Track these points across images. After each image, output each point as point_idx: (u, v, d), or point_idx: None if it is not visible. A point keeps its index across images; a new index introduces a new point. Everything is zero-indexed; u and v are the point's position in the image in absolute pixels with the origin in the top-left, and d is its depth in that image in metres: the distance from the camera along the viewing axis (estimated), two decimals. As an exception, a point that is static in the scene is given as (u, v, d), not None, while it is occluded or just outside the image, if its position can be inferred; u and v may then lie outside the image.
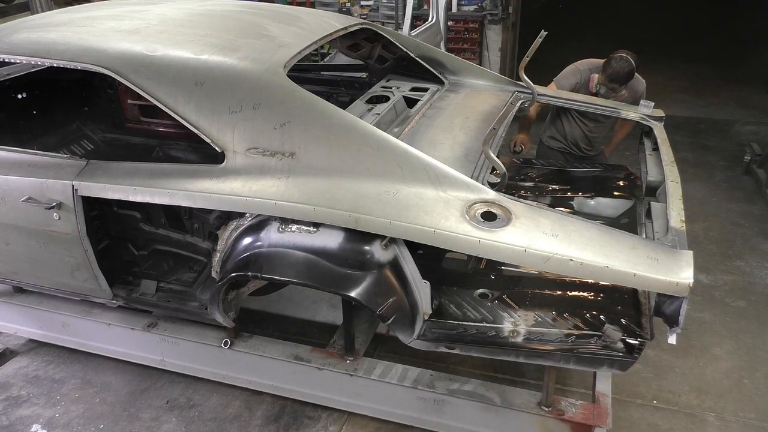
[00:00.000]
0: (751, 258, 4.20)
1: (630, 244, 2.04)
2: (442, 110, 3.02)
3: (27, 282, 3.07)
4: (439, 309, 2.47)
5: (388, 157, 2.26)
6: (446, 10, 5.71)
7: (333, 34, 3.00)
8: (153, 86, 2.45)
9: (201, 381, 3.17)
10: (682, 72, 8.35)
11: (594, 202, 3.12)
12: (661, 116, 3.24)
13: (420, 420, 2.77)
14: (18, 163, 2.70)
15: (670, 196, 2.45)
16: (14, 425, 3.03)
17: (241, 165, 2.36)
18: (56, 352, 3.47)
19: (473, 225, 2.08)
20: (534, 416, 2.61)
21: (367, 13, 6.90)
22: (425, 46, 3.56)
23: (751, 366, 3.28)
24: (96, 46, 2.58)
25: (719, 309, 3.72)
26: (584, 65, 3.70)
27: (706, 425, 2.94)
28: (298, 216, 2.26)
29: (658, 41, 9.77)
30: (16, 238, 2.78)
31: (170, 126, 3.81)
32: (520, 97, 3.29)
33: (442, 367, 3.01)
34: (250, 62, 2.48)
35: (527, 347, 2.31)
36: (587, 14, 11.54)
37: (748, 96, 7.36)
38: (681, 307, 1.93)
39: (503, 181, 2.35)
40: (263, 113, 2.35)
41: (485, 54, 6.89)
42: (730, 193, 5.10)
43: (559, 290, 2.52)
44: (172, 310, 2.85)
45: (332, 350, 2.90)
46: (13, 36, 2.75)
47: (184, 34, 2.68)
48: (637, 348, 2.21)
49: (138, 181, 2.47)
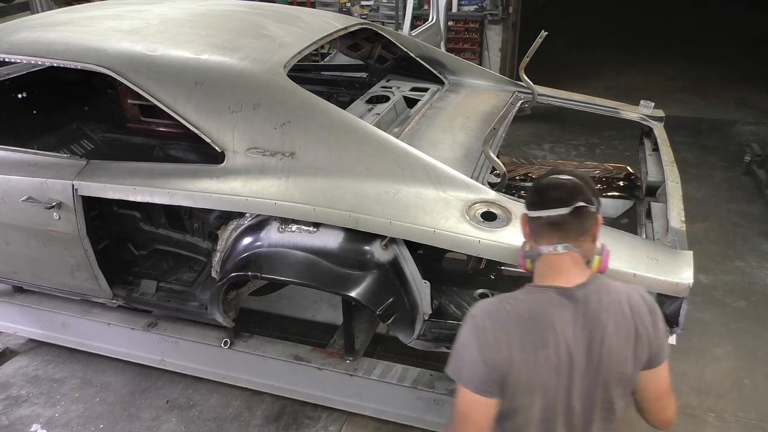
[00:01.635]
0: (751, 258, 4.20)
1: (630, 244, 2.04)
2: (442, 110, 3.02)
3: (27, 282, 3.07)
4: (439, 309, 2.47)
5: (388, 157, 2.26)
6: (446, 10, 5.71)
7: (333, 34, 3.00)
8: (153, 86, 2.45)
9: (201, 381, 3.17)
10: (682, 72, 8.34)
11: (594, 202, 3.12)
12: (661, 116, 3.23)
13: (420, 420, 2.77)
14: (18, 163, 2.70)
15: (670, 196, 2.45)
16: (14, 425, 3.03)
17: (241, 165, 2.36)
18: (56, 351, 3.47)
19: (473, 225, 2.08)
20: (534, 416, 2.60)
21: (367, 13, 6.90)
22: (425, 46, 3.57)
23: (751, 366, 3.28)
24: (96, 46, 2.58)
25: (719, 309, 3.71)
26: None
27: (706, 425, 2.94)
28: (298, 216, 2.26)
29: (659, 41, 9.78)
30: (16, 238, 2.78)
31: (170, 126, 3.81)
32: (520, 97, 3.29)
33: (442, 367, 3.00)
34: (250, 62, 2.48)
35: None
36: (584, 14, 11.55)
37: (748, 96, 7.36)
38: (681, 308, 1.93)
39: (503, 181, 2.35)
40: (263, 113, 2.35)
41: (485, 54, 6.89)
42: (730, 194, 5.10)
43: (559, 290, 2.52)
44: (172, 310, 2.85)
45: (332, 350, 2.90)
46: (13, 36, 2.75)
47: (185, 34, 2.68)
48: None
49: (138, 181, 2.48)
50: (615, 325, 1.48)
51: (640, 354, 1.51)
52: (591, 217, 1.53)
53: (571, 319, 1.47)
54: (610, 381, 1.50)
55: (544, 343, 1.46)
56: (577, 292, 1.49)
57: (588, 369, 1.48)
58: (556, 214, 1.50)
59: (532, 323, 1.48)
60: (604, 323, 1.47)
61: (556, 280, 1.52)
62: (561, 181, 1.55)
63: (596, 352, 1.47)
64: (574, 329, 1.47)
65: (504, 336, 1.48)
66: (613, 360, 1.48)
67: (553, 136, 6.35)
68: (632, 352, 1.49)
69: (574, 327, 1.47)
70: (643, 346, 1.51)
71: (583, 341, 1.47)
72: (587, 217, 1.52)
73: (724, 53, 9.07)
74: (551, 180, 1.57)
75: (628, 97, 3.93)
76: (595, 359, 1.47)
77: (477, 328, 1.51)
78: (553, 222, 1.51)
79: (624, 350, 1.48)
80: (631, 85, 7.85)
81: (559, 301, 1.49)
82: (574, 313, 1.48)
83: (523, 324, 1.48)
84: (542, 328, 1.47)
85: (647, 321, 1.51)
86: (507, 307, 1.52)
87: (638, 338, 1.50)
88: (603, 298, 1.49)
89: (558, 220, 1.51)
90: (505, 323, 1.49)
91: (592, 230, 1.55)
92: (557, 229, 1.52)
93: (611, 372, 1.49)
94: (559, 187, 1.53)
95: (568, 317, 1.47)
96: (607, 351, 1.47)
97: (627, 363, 1.49)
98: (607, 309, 1.48)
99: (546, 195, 1.54)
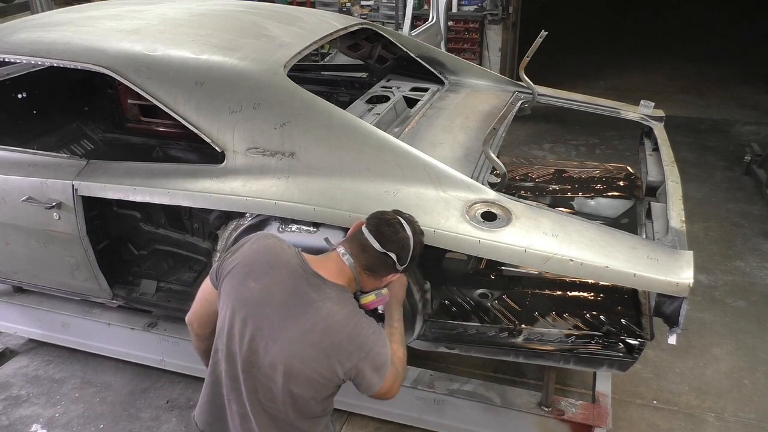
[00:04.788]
0: (751, 258, 4.20)
1: (630, 244, 2.04)
2: (443, 110, 3.02)
3: (27, 282, 3.07)
4: (439, 309, 2.47)
5: (388, 157, 2.26)
6: (446, 10, 5.71)
7: (333, 34, 3.00)
8: (153, 86, 2.45)
9: (201, 381, 3.15)
10: (682, 72, 8.35)
11: (594, 202, 3.12)
12: (662, 116, 3.23)
13: (420, 420, 2.77)
14: (18, 163, 2.69)
15: (670, 196, 2.45)
16: (14, 425, 3.03)
17: (241, 165, 2.36)
18: (56, 351, 3.47)
19: (473, 225, 2.08)
20: (534, 416, 2.61)
21: (367, 13, 6.90)
22: (425, 46, 3.56)
23: (751, 366, 3.28)
24: (96, 46, 2.57)
25: (719, 309, 3.71)
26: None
27: (706, 425, 2.94)
28: (298, 216, 2.26)
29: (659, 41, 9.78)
30: (16, 238, 2.78)
31: (170, 126, 3.81)
32: (520, 97, 3.29)
33: (442, 367, 3.01)
34: (250, 62, 2.48)
35: (527, 347, 2.31)
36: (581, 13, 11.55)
37: (748, 96, 7.36)
38: (681, 308, 1.93)
39: (503, 181, 2.35)
40: (263, 113, 2.35)
41: (485, 54, 6.89)
42: (731, 194, 5.10)
43: (559, 290, 2.52)
44: (172, 310, 2.85)
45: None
46: (13, 36, 2.75)
47: (184, 34, 2.68)
48: (637, 348, 2.22)
49: (138, 181, 2.47)
50: (303, 320, 1.61)
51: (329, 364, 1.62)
52: (390, 268, 1.73)
53: (291, 285, 1.64)
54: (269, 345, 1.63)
55: (257, 278, 1.65)
56: (319, 281, 1.66)
57: (259, 320, 1.63)
58: (370, 242, 1.70)
59: (264, 261, 1.69)
60: (307, 308, 1.62)
61: (320, 266, 1.69)
62: (400, 231, 1.72)
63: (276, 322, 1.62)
64: (282, 291, 1.63)
65: (243, 254, 1.71)
66: (278, 344, 1.60)
67: (553, 136, 6.35)
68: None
69: (284, 289, 1.64)
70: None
71: (280, 302, 1.63)
72: (386, 266, 1.72)
73: (724, 53, 9.07)
74: (394, 222, 1.74)
75: (628, 97, 3.93)
76: (271, 326, 1.62)
77: (241, 243, 1.77)
78: (363, 242, 1.71)
79: (294, 343, 1.61)
80: (631, 85, 7.84)
81: (299, 272, 1.67)
82: (295, 283, 1.64)
83: (259, 256, 1.71)
84: (265, 270, 1.66)
85: (337, 356, 1.61)
86: (270, 242, 1.75)
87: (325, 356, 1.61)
88: (326, 302, 1.63)
89: (366, 245, 1.71)
90: (253, 250, 1.73)
91: (383, 275, 1.75)
92: (360, 249, 1.71)
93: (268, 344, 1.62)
94: (393, 230, 1.72)
95: (287, 281, 1.64)
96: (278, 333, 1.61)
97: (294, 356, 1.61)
98: (318, 309, 1.62)
99: (383, 225, 1.73)
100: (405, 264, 1.74)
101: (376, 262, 1.71)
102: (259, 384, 1.64)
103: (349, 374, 1.63)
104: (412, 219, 1.82)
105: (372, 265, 1.72)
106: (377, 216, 1.78)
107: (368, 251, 1.70)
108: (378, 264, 1.71)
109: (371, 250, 1.70)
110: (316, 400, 1.66)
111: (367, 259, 1.71)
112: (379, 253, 1.70)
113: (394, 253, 1.70)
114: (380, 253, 1.69)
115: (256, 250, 1.73)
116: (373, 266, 1.72)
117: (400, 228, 1.73)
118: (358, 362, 1.61)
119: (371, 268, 1.72)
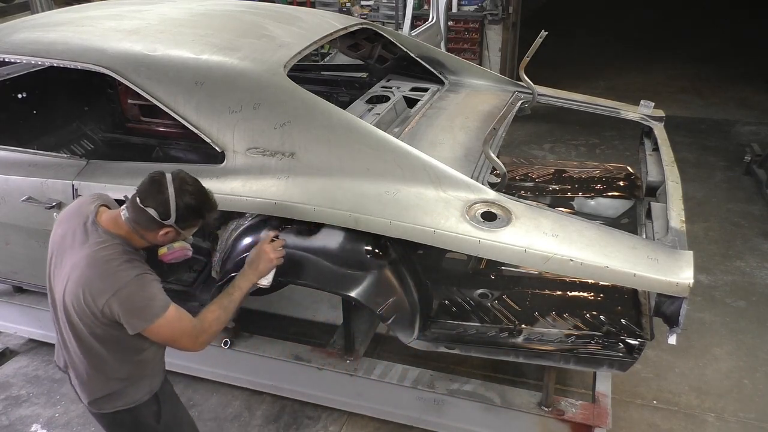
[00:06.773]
0: (751, 258, 4.20)
1: (630, 244, 2.04)
2: (443, 110, 3.02)
3: (27, 282, 3.07)
4: (439, 309, 2.47)
5: (388, 157, 2.26)
6: (446, 10, 5.71)
7: (333, 34, 3.00)
8: (153, 86, 2.45)
9: (201, 381, 3.17)
10: (682, 72, 8.34)
11: (594, 202, 3.12)
12: (662, 116, 3.23)
13: (420, 420, 2.77)
14: (18, 163, 2.70)
15: (670, 196, 2.45)
16: (14, 425, 3.03)
17: (241, 165, 2.36)
18: (56, 351, 3.47)
19: (473, 225, 2.08)
20: (534, 416, 2.61)
21: (367, 13, 6.90)
22: (425, 46, 3.56)
23: (751, 366, 3.28)
24: (96, 46, 2.58)
25: (719, 309, 3.71)
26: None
27: (706, 425, 2.94)
28: (298, 216, 2.26)
29: (659, 41, 9.78)
30: (16, 238, 2.78)
31: (170, 126, 3.80)
32: (520, 97, 3.29)
33: (442, 367, 3.01)
34: (250, 62, 2.48)
35: (527, 347, 2.31)
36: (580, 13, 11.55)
37: (748, 96, 7.36)
38: (681, 308, 1.93)
39: (503, 181, 2.35)
40: (263, 113, 2.35)
41: (485, 54, 6.89)
42: (731, 194, 5.10)
43: (559, 290, 2.52)
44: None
45: (332, 350, 2.90)
46: (13, 36, 2.75)
47: (184, 34, 2.68)
48: (637, 348, 2.21)
49: (138, 181, 2.46)
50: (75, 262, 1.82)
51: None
52: (154, 223, 1.85)
53: (73, 231, 1.87)
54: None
55: (60, 225, 1.95)
56: (94, 229, 1.87)
57: (56, 260, 1.91)
58: (135, 197, 1.86)
59: (70, 212, 1.97)
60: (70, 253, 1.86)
61: (104, 218, 1.91)
62: (163, 190, 1.84)
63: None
64: (70, 236, 1.88)
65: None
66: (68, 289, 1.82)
67: (553, 136, 6.35)
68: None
69: (70, 234, 1.88)
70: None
71: (66, 245, 1.88)
72: (150, 220, 1.85)
73: (724, 53, 9.07)
74: (159, 179, 1.87)
75: (628, 97, 3.93)
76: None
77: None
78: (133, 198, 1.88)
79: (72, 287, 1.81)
80: (631, 85, 7.84)
81: (83, 220, 1.89)
82: (76, 229, 1.87)
83: (70, 208, 2.01)
84: (67, 219, 1.95)
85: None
86: (84, 198, 2.07)
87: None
88: (93, 246, 1.83)
89: (134, 201, 1.87)
90: (71, 204, 2.05)
91: (152, 229, 1.87)
92: (132, 205, 1.88)
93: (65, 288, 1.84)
94: (156, 188, 1.85)
95: (75, 228, 1.87)
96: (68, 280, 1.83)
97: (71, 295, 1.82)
98: (83, 250, 1.83)
99: (147, 183, 1.88)
100: (171, 219, 1.85)
101: (140, 217, 1.86)
102: (62, 315, 1.88)
103: (106, 311, 1.77)
104: (184, 178, 1.91)
105: (138, 219, 1.86)
106: (150, 174, 1.91)
107: (134, 206, 1.86)
108: (142, 218, 1.85)
109: (135, 204, 1.86)
110: (96, 332, 1.83)
111: (133, 213, 1.87)
112: (140, 208, 1.84)
113: (153, 209, 1.83)
114: (140, 208, 1.84)
115: (72, 205, 2.02)
116: (138, 220, 1.86)
117: (163, 187, 1.85)
118: (108, 299, 1.76)
119: (137, 221, 1.87)
